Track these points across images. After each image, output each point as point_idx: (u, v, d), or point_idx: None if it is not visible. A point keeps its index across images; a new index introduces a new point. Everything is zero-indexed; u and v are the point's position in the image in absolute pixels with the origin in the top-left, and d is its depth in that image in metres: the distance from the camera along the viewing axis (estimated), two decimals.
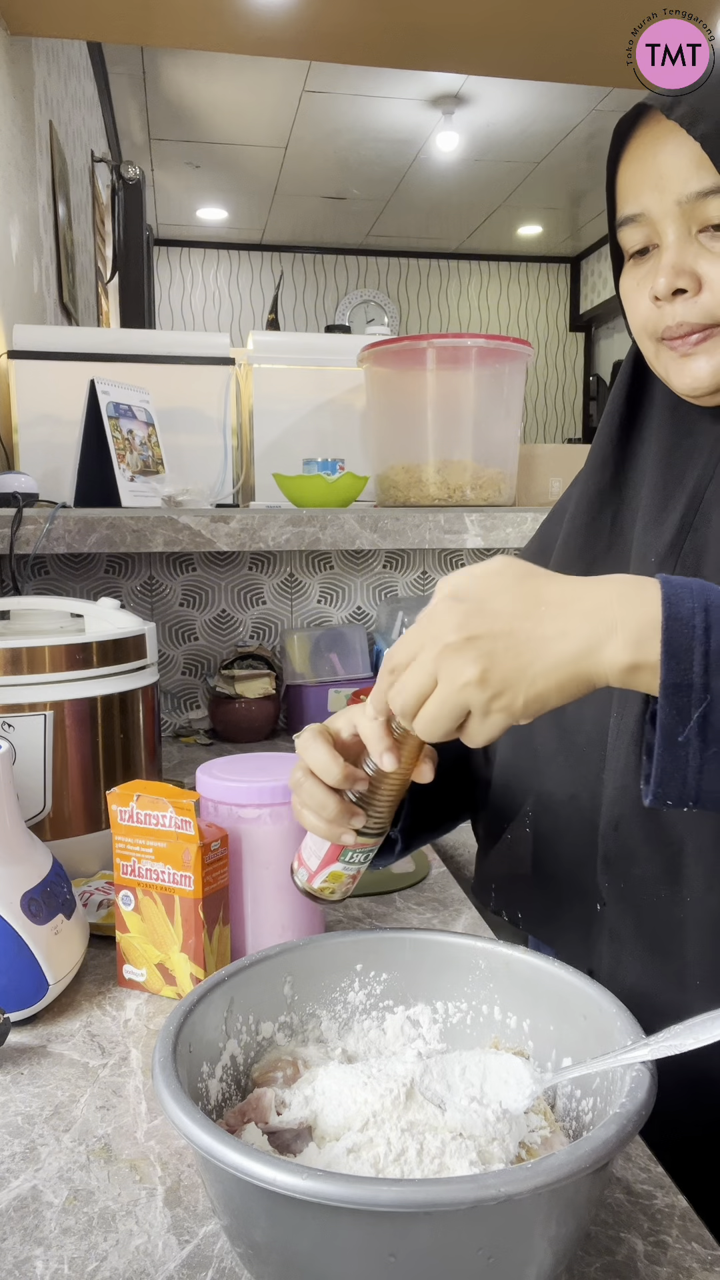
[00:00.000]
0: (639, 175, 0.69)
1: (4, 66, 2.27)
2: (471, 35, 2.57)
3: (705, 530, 0.71)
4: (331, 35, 2.58)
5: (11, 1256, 0.53)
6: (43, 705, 0.99)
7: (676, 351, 0.70)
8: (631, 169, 0.69)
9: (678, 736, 0.52)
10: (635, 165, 0.69)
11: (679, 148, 0.65)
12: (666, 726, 0.52)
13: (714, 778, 0.52)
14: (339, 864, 0.69)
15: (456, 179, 5.83)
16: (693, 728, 0.51)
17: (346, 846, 0.68)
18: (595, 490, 0.80)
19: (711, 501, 0.71)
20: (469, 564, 1.93)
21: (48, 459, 1.85)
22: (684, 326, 0.68)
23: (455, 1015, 0.65)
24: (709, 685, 0.51)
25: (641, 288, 0.71)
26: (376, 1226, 0.43)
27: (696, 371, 0.69)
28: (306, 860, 0.71)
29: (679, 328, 0.68)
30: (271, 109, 4.78)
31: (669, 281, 0.67)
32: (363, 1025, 0.65)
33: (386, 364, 1.84)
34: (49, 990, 0.76)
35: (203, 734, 1.79)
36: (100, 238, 4.09)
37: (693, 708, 0.51)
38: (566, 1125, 0.58)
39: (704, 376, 0.69)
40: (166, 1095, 0.48)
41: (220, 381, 1.95)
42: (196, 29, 2.55)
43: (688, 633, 0.52)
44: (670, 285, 0.67)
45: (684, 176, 0.65)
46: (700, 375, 0.69)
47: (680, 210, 0.66)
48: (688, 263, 0.67)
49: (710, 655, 0.51)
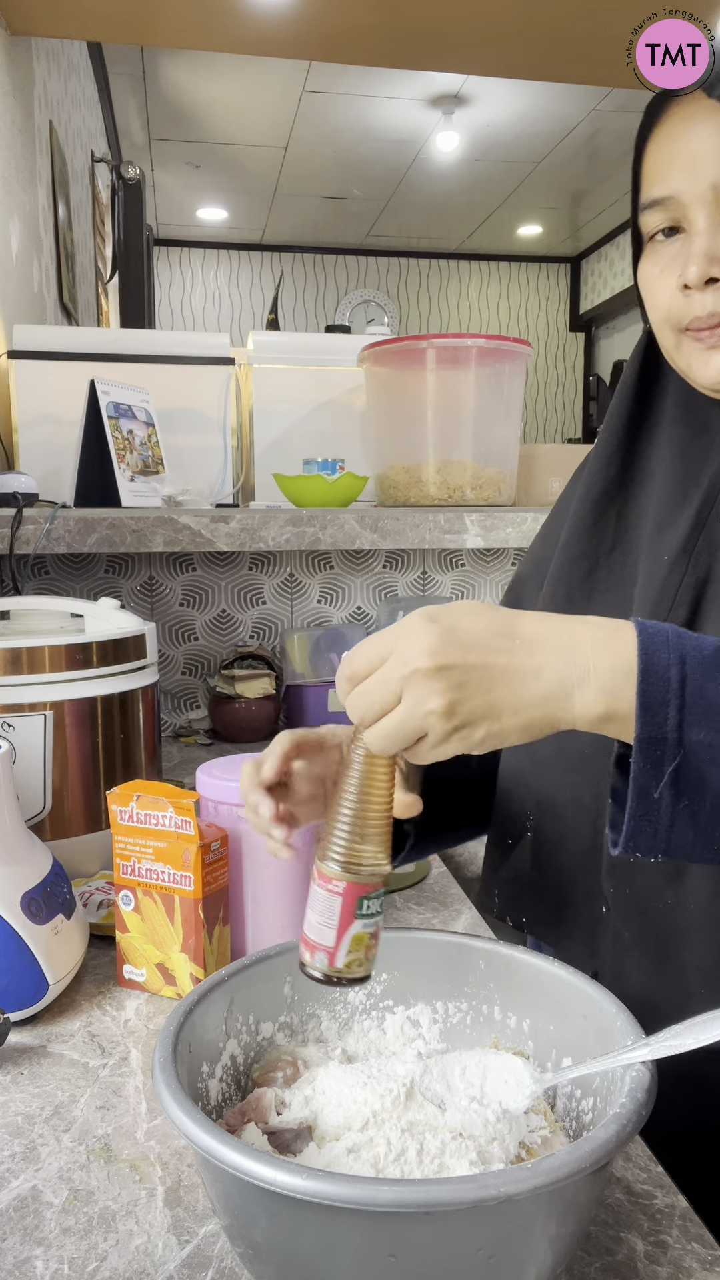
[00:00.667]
0: (669, 156, 0.65)
1: (4, 66, 2.27)
2: (471, 35, 2.57)
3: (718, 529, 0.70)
4: (331, 35, 2.58)
5: (11, 1256, 0.53)
6: (43, 705, 0.99)
7: (703, 343, 0.67)
8: (662, 149, 0.66)
9: (652, 792, 0.51)
10: (666, 145, 0.66)
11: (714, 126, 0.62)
12: (640, 781, 0.51)
13: (685, 831, 0.52)
14: (358, 923, 0.57)
15: (456, 179, 5.83)
16: (666, 782, 0.51)
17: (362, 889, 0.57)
18: (600, 489, 0.78)
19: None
20: (469, 564, 1.94)
21: (48, 459, 1.85)
22: (715, 317, 0.65)
23: (455, 1015, 0.65)
24: (683, 739, 0.51)
25: (666, 275, 0.68)
26: (376, 1226, 0.43)
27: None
28: (318, 939, 0.58)
29: (709, 318, 0.65)
30: (271, 109, 4.78)
31: (702, 270, 0.64)
32: (363, 1025, 0.65)
33: (386, 364, 1.84)
34: (49, 990, 0.76)
35: (203, 734, 1.79)
36: (100, 238, 4.09)
37: (666, 762, 0.51)
38: (566, 1125, 0.58)
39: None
40: (166, 1095, 0.48)
41: (220, 381, 1.95)
42: (196, 29, 2.55)
43: (663, 685, 0.51)
44: (704, 273, 0.64)
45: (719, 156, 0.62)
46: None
47: (715, 195, 0.63)
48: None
49: (685, 709, 0.51)
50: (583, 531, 0.78)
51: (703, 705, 0.51)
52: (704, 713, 0.51)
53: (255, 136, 5.12)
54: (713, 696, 0.51)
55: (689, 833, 0.52)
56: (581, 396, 7.65)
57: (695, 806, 0.51)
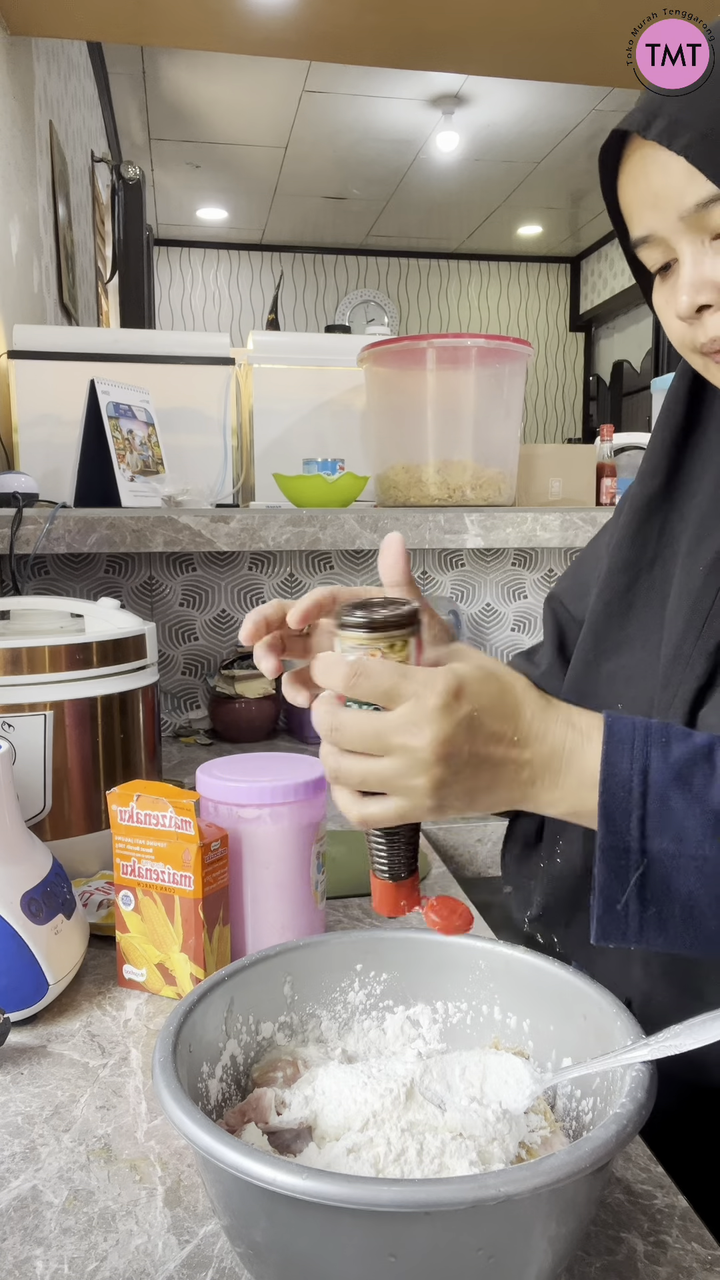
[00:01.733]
0: (636, 198, 0.67)
1: (4, 66, 2.27)
2: (471, 35, 2.57)
3: None
4: (331, 35, 2.58)
5: (11, 1256, 0.53)
6: (43, 705, 0.99)
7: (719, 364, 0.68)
8: (628, 192, 0.68)
9: (616, 901, 0.52)
10: (630, 189, 0.67)
11: (667, 164, 0.63)
12: (605, 889, 0.52)
13: (654, 933, 0.53)
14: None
15: (456, 179, 5.83)
16: (631, 891, 0.52)
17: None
18: (645, 499, 0.78)
19: None
20: (469, 564, 1.94)
21: (48, 459, 1.85)
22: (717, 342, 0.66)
23: (455, 1015, 0.65)
24: (646, 848, 0.51)
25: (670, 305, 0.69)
26: (376, 1226, 0.43)
27: None
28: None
29: (713, 343, 0.66)
30: (271, 109, 4.78)
31: (690, 300, 0.65)
32: (363, 1025, 0.65)
33: (386, 364, 1.84)
34: (49, 990, 0.76)
35: (203, 734, 1.79)
36: (100, 238, 4.09)
37: (630, 871, 0.51)
38: (566, 1125, 0.58)
39: None
40: (166, 1095, 0.48)
41: (220, 381, 1.95)
42: (196, 29, 2.55)
43: (624, 795, 0.52)
44: (691, 304, 0.65)
45: (679, 191, 0.63)
46: None
47: (685, 225, 0.64)
48: (706, 275, 0.64)
49: (648, 819, 0.51)
50: (626, 542, 0.78)
51: (665, 815, 0.51)
52: (666, 822, 0.51)
53: (255, 136, 5.12)
54: (676, 806, 0.52)
55: (659, 936, 0.53)
56: (581, 396, 7.65)
57: (664, 913, 0.52)
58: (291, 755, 0.91)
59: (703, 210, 0.63)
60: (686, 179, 0.62)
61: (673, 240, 0.66)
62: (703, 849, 0.51)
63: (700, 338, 0.67)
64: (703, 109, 0.61)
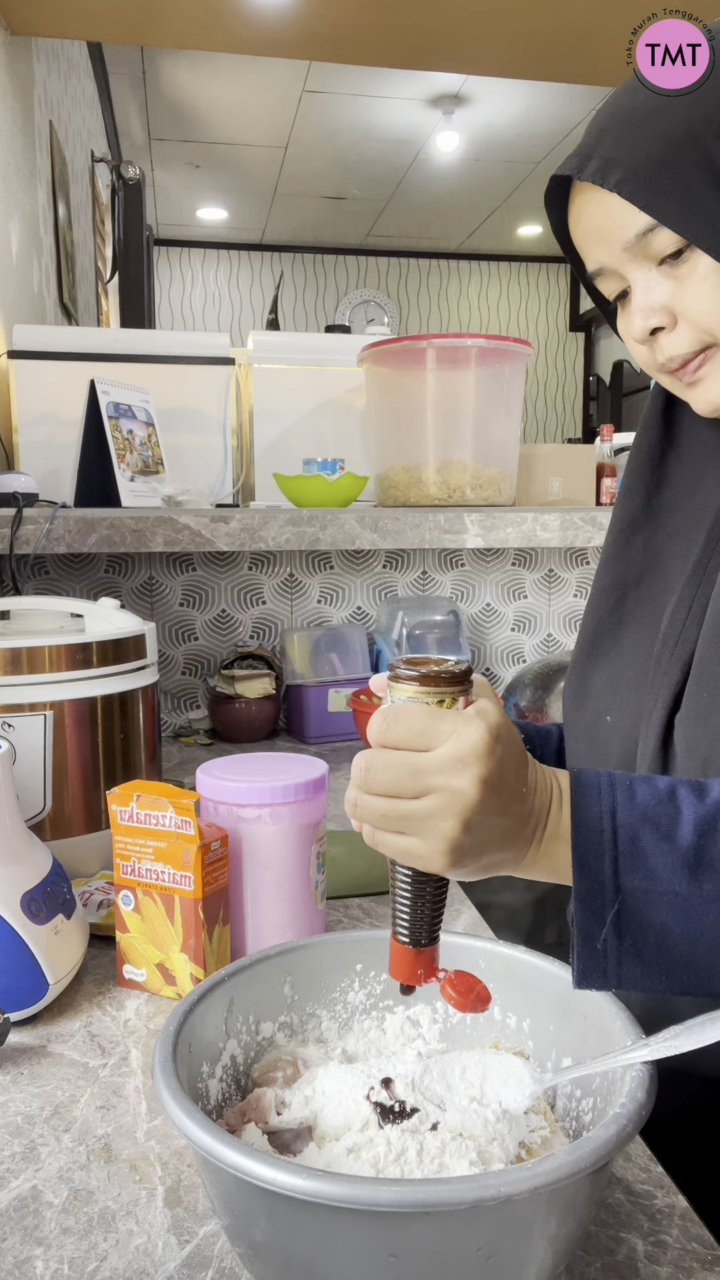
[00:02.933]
0: (583, 236, 0.70)
1: (4, 66, 2.27)
2: (471, 35, 2.57)
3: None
4: (331, 35, 2.58)
5: (11, 1256, 0.53)
6: (43, 705, 0.99)
7: (683, 381, 0.70)
8: (576, 231, 0.71)
9: (595, 942, 0.53)
10: (577, 227, 0.71)
11: (604, 201, 0.66)
12: (583, 929, 0.53)
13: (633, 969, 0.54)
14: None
15: (456, 179, 5.83)
16: (608, 929, 0.53)
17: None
18: (626, 520, 0.80)
19: None
20: (469, 564, 1.94)
21: (48, 459, 1.85)
22: (676, 360, 0.69)
23: (455, 1015, 0.65)
24: (620, 886, 0.53)
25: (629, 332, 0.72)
26: (376, 1226, 0.43)
27: (709, 394, 0.69)
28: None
29: (671, 361, 0.69)
30: (271, 109, 4.78)
31: (643, 324, 0.68)
32: (363, 1025, 0.65)
33: (386, 364, 1.84)
34: (49, 990, 0.76)
35: (203, 734, 1.79)
36: (100, 238, 4.09)
37: (606, 909, 0.53)
38: (566, 1125, 0.58)
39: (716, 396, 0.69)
40: (166, 1095, 0.48)
41: (220, 381, 1.95)
42: (196, 29, 2.55)
43: (596, 839, 0.53)
44: (645, 328, 0.68)
45: (619, 224, 0.66)
46: (712, 396, 0.69)
47: (630, 255, 0.67)
48: (655, 300, 0.67)
49: (620, 859, 0.53)
50: (610, 562, 0.80)
51: (635, 854, 0.53)
52: (637, 862, 0.53)
53: (255, 136, 5.12)
54: (646, 846, 0.53)
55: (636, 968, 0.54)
56: (581, 396, 7.65)
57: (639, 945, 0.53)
58: (291, 755, 0.91)
59: (643, 239, 0.66)
60: (625, 213, 0.65)
61: (622, 270, 0.69)
62: (673, 885, 0.53)
63: (659, 357, 0.70)
64: (631, 145, 0.64)
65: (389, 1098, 0.55)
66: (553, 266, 7.59)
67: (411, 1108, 0.54)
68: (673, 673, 0.69)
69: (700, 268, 0.65)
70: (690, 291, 0.65)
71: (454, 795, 0.51)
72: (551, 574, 2.00)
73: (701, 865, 0.53)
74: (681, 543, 0.75)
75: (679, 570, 0.74)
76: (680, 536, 0.75)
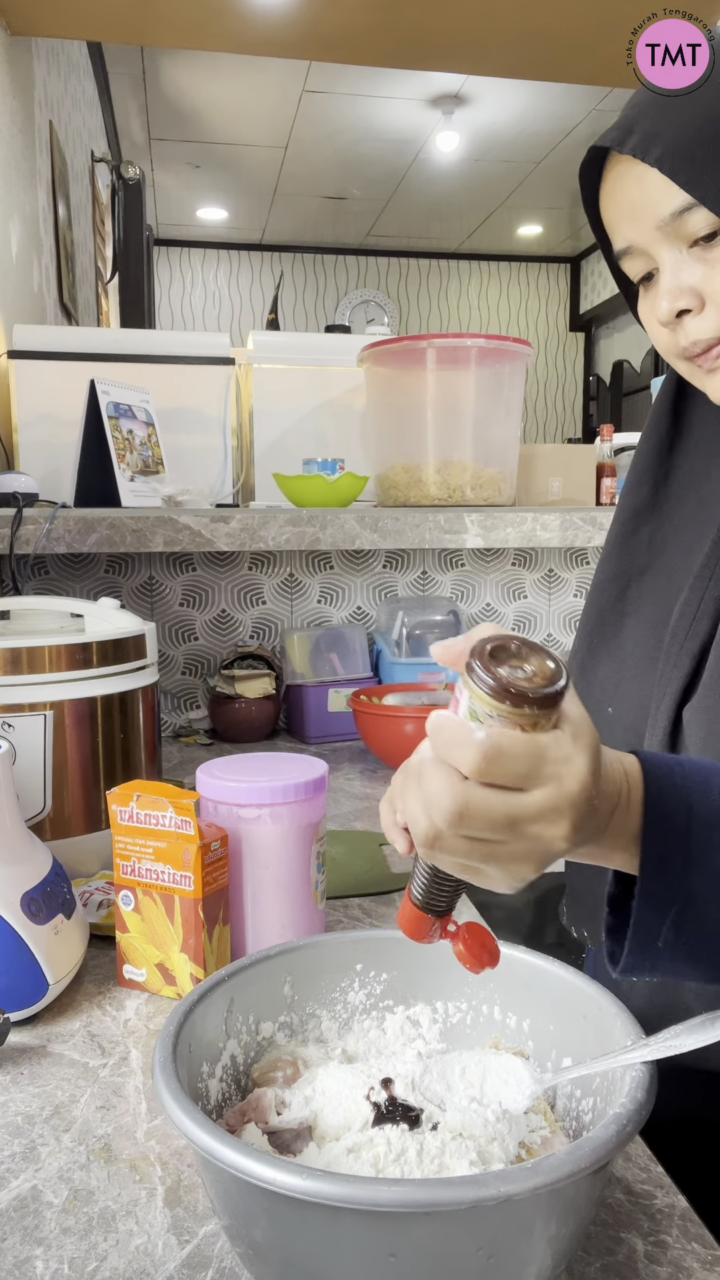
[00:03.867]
0: (616, 211, 0.69)
1: (4, 66, 2.27)
2: (471, 35, 2.57)
3: None
4: (331, 35, 2.58)
5: (11, 1256, 0.53)
6: (43, 705, 0.99)
7: (703, 368, 0.70)
8: (609, 206, 0.70)
9: (655, 940, 0.52)
10: (610, 203, 0.70)
11: (642, 176, 0.65)
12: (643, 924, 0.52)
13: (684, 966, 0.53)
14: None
15: (456, 179, 5.83)
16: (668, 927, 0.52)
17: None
18: (632, 510, 0.79)
19: None
20: (469, 564, 1.94)
21: (48, 459, 1.85)
22: (699, 345, 0.68)
23: (455, 1015, 0.65)
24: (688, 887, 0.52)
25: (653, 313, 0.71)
26: (376, 1226, 0.43)
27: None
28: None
29: (695, 346, 0.68)
30: (271, 109, 4.78)
31: (669, 306, 0.67)
32: (363, 1025, 0.65)
33: (386, 364, 1.84)
34: (49, 990, 0.76)
35: (203, 734, 1.79)
36: (100, 238, 4.09)
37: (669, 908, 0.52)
38: (566, 1125, 0.58)
39: None
40: (166, 1095, 0.48)
41: (220, 381, 1.95)
42: (196, 29, 2.55)
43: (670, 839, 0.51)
44: (671, 310, 0.67)
45: (655, 201, 0.65)
46: None
47: (663, 234, 0.66)
48: (684, 282, 0.67)
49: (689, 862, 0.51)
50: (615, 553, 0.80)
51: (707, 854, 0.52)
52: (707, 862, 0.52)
53: (255, 136, 5.12)
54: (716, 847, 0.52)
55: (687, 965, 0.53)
56: (581, 396, 7.65)
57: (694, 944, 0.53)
58: (291, 755, 0.91)
59: (678, 219, 0.65)
60: (662, 190, 0.65)
61: (652, 250, 0.68)
62: None
63: (682, 341, 0.69)
64: (674, 121, 0.64)
65: (389, 1098, 0.55)
66: (553, 266, 7.59)
67: (413, 1109, 0.54)
68: (682, 665, 0.69)
69: None
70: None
71: (544, 845, 0.48)
72: (551, 574, 2.00)
73: None
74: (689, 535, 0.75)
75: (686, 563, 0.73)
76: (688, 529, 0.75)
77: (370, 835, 1.21)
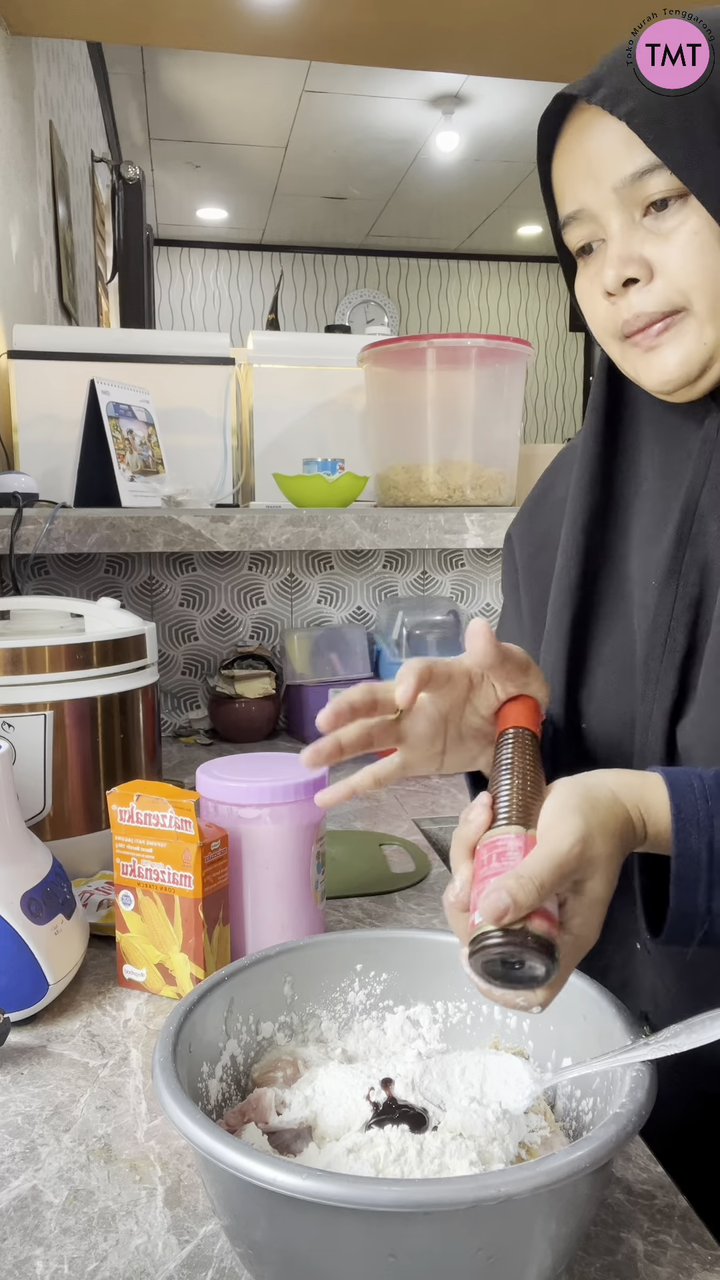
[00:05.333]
0: (571, 169, 0.66)
1: (4, 66, 2.27)
2: (471, 35, 2.57)
3: (704, 544, 0.67)
4: (331, 35, 2.58)
5: (11, 1256, 0.53)
6: (43, 705, 0.99)
7: (640, 347, 0.66)
8: (563, 164, 0.67)
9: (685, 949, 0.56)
10: (566, 159, 0.66)
11: (605, 131, 0.63)
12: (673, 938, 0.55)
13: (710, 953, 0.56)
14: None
15: (456, 179, 5.83)
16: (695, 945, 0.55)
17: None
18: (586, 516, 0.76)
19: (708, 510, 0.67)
20: (469, 564, 1.93)
21: (48, 459, 1.85)
22: (642, 318, 0.65)
23: (455, 1015, 0.65)
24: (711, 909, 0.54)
25: (595, 286, 0.68)
26: (376, 1226, 0.43)
27: (664, 364, 0.65)
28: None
29: (637, 319, 0.65)
30: (271, 109, 4.78)
31: (618, 272, 0.64)
32: (363, 1025, 0.65)
33: (386, 364, 1.84)
34: (49, 990, 0.76)
35: (203, 734, 1.79)
36: (100, 238, 4.09)
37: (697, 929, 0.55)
38: (566, 1125, 0.58)
39: (672, 368, 0.65)
40: (166, 1095, 0.48)
41: (220, 381, 1.95)
42: (196, 29, 2.55)
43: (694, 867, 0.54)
44: (619, 276, 0.64)
45: (616, 159, 0.63)
46: (668, 368, 0.65)
47: (619, 197, 0.63)
48: (635, 250, 0.64)
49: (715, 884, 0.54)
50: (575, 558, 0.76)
51: None
52: None
53: (255, 136, 5.12)
54: None
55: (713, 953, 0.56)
56: (581, 396, 7.65)
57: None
58: (291, 755, 0.91)
59: (637, 181, 0.62)
60: (625, 147, 0.62)
61: (603, 215, 0.65)
62: None
63: (624, 314, 0.66)
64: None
65: (389, 1098, 0.55)
66: (553, 266, 7.59)
67: (413, 1109, 0.54)
68: (667, 681, 0.67)
69: (690, 223, 0.62)
70: (675, 247, 0.62)
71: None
72: None
73: None
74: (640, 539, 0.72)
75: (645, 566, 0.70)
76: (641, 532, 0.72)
77: (370, 835, 1.21)
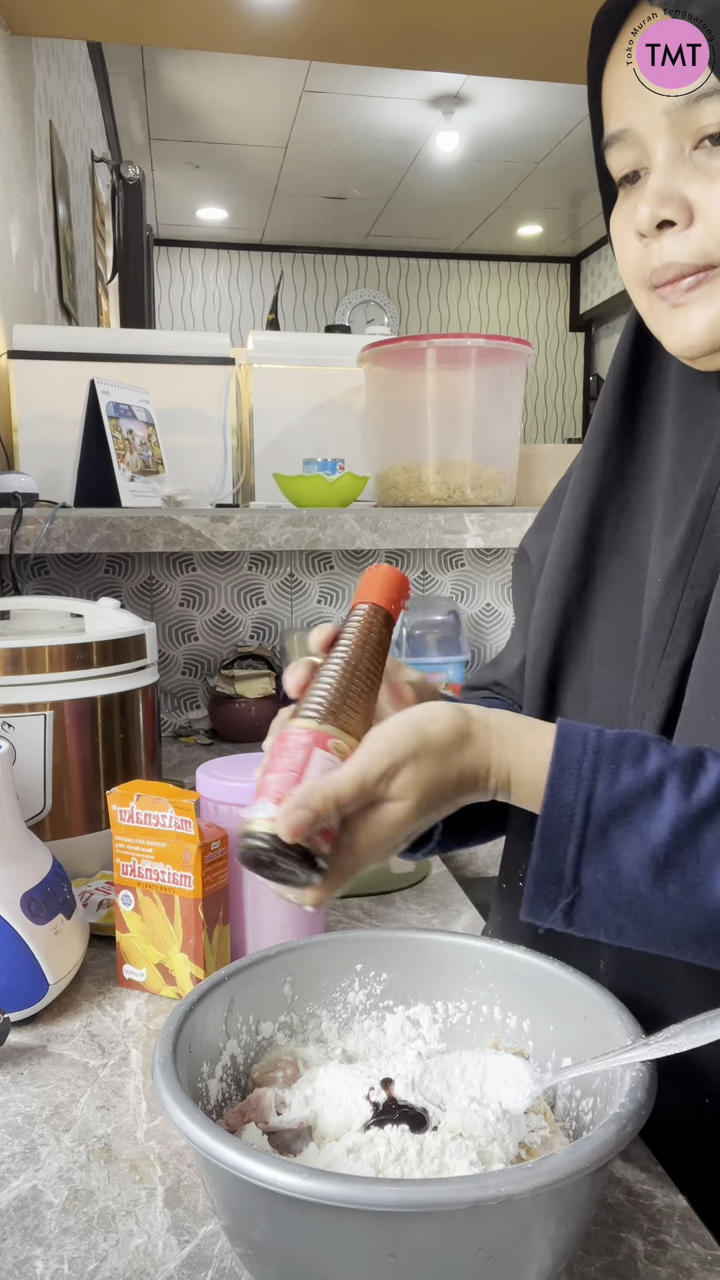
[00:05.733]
0: (621, 82, 0.57)
1: (4, 66, 2.27)
2: (471, 35, 2.57)
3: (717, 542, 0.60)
4: (331, 35, 2.58)
5: (11, 1256, 0.53)
6: (43, 705, 0.99)
7: (667, 301, 0.58)
8: (614, 74, 0.58)
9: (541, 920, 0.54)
10: (617, 70, 0.57)
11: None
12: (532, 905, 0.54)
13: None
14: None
15: (456, 179, 5.83)
16: (557, 914, 0.53)
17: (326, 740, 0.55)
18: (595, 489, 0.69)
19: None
20: (469, 564, 1.94)
21: (48, 459, 1.85)
22: (672, 269, 0.56)
23: (455, 1015, 0.65)
24: (579, 878, 0.51)
25: (629, 224, 0.59)
26: (376, 1226, 0.43)
27: (689, 325, 0.57)
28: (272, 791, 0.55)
29: (667, 269, 0.57)
30: (271, 109, 4.78)
31: (654, 211, 0.55)
32: (363, 1025, 0.65)
33: (386, 364, 1.84)
34: (49, 990, 0.76)
35: (203, 734, 1.79)
36: (100, 238, 4.09)
37: (560, 897, 0.52)
38: (566, 1125, 0.58)
39: (697, 332, 0.57)
40: (166, 1095, 0.48)
41: (220, 381, 1.95)
42: (196, 29, 2.55)
43: (565, 823, 0.51)
44: (654, 216, 0.56)
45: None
46: (693, 330, 0.57)
47: (669, 121, 0.55)
48: (677, 187, 0.55)
49: (585, 849, 0.51)
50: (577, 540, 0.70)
51: (602, 846, 0.51)
52: (602, 854, 0.51)
53: (255, 136, 5.12)
54: (614, 839, 0.51)
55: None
56: (581, 396, 7.65)
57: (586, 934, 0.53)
58: None
59: (692, 106, 0.54)
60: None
61: (649, 140, 0.57)
62: (636, 885, 0.50)
63: (654, 262, 0.58)
64: None
65: (389, 1098, 0.55)
66: (553, 266, 7.59)
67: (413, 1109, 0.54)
68: (662, 688, 0.62)
69: None
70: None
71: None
72: None
73: (669, 867, 0.50)
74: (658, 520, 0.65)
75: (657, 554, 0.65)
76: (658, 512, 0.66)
77: None
